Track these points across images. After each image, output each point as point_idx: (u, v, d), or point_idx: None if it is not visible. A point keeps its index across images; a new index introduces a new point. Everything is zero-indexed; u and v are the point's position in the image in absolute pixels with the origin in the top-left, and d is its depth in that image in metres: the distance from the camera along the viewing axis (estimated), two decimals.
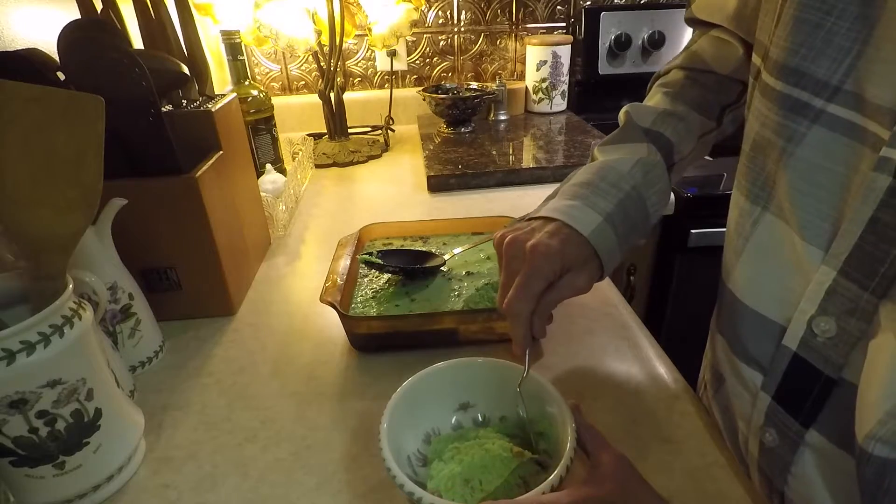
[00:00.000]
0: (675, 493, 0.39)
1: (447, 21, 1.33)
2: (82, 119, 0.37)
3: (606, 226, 0.42)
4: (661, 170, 0.47)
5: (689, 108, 0.50)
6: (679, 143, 0.48)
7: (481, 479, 0.36)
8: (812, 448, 0.33)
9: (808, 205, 0.31)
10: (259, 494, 0.40)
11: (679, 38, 1.29)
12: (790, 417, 0.33)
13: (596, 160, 0.48)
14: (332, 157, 1.13)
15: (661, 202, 0.46)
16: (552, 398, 0.39)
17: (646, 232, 0.47)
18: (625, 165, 0.45)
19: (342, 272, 0.58)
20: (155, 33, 0.64)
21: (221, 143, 0.61)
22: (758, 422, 0.36)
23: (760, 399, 0.36)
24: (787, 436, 0.34)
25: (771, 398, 0.35)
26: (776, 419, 0.35)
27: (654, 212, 0.46)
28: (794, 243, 0.32)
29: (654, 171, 0.46)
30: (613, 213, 0.43)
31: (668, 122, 0.49)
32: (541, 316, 0.40)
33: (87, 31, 0.52)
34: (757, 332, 0.36)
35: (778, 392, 0.34)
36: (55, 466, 0.37)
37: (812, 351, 0.31)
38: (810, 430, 0.32)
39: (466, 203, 0.91)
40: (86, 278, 0.45)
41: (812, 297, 0.31)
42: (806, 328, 0.31)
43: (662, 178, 0.46)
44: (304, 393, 0.50)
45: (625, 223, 0.43)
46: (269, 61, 1.32)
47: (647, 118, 0.49)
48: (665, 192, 0.47)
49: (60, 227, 0.37)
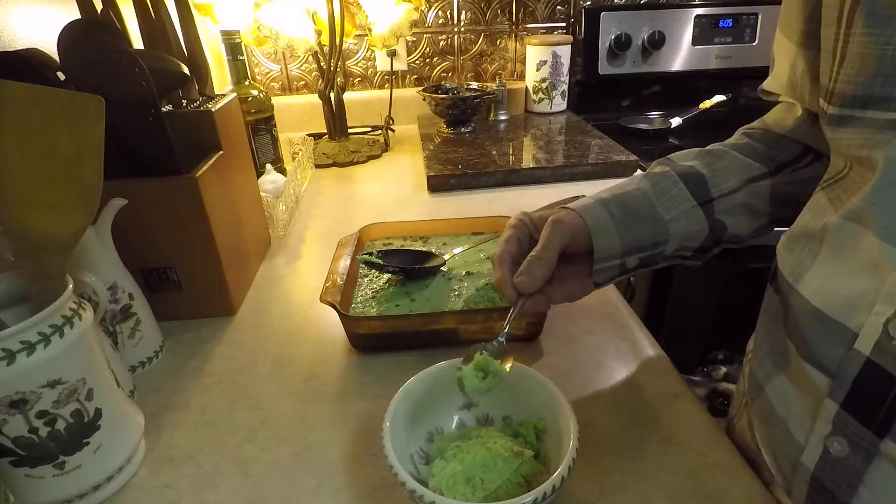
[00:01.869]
0: (675, 493, 0.39)
1: (447, 21, 1.33)
2: (82, 119, 0.37)
3: (598, 205, 0.45)
4: (672, 181, 0.47)
5: (732, 150, 0.49)
6: (714, 178, 0.47)
7: (483, 477, 0.36)
8: (889, 459, 0.31)
9: (890, 204, 0.30)
10: (259, 494, 0.40)
11: (679, 38, 1.29)
12: (862, 426, 0.32)
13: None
14: (332, 157, 1.13)
15: (679, 210, 0.46)
16: (554, 398, 0.39)
17: (662, 232, 0.46)
18: (631, 180, 0.49)
19: (342, 272, 0.58)
20: (155, 33, 0.63)
21: (221, 143, 0.61)
22: (822, 430, 0.34)
23: (826, 407, 0.34)
24: (860, 445, 0.32)
25: (839, 406, 0.33)
26: (846, 428, 0.33)
27: (670, 218, 0.46)
28: (871, 245, 0.31)
29: (663, 181, 0.47)
30: (608, 199, 0.46)
31: (699, 158, 0.49)
32: (529, 273, 0.44)
33: (87, 31, 0.52)
34: (825, 336, 0.34)
35: (847, 399, 0.33)
36: (55, 466, 0.37)
37: (886, 355, 0.30)
38: (885, 440, 0.31)
39: (466, 203, 0.91)
40: (86, 278, 0.45)
41: (889, 298, 0.30)
42: (882, 331, 0.30)
43: (676, 188, 0.46)
44: (304, 393, 0.50)
45: (621, 209, 0.45)
46: (269, 61, 1.32)
47: (677, 159, 0.50)
48: (683, 204, 0.46)
49: (60, 227, 0.37)
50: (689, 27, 1.28)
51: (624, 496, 0.38)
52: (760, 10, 1.29)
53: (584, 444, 0.38)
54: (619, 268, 0.46)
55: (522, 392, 0.41)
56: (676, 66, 1.32)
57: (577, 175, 0.97)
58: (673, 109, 1.31)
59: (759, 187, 0.48)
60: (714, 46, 1.31)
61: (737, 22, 1.29)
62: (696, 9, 1.27)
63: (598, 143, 1.09)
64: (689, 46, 1.30)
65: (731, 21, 1.29)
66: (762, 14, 1.29)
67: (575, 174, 0.97)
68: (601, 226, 0.44)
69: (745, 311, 0.65)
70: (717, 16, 1.28)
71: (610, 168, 0.98)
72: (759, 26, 1.30)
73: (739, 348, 1.01)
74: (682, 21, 1.28)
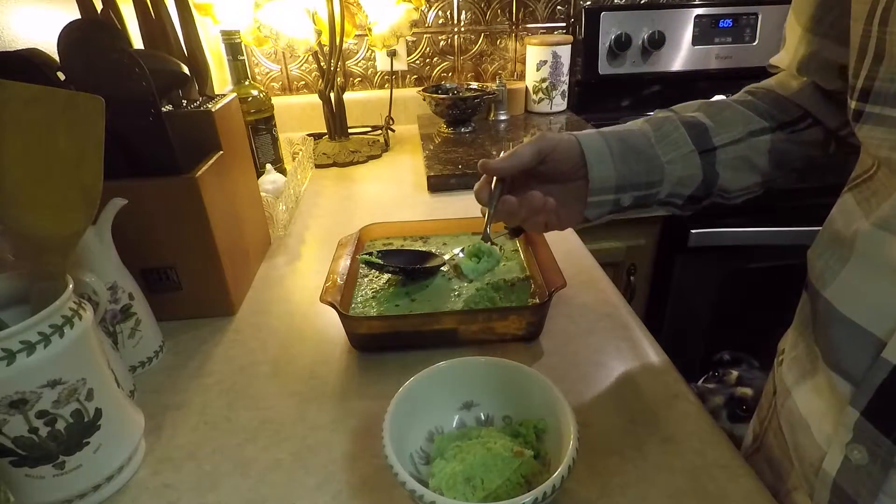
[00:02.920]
0: (675, 493, 0.39)
1: (447, 21, 1.33)
2: (82, 119, 0.37)
3: (596, 135, 0.46)
4: (673, 125, 0.47)
5: (735, 103, 0.49)
6: (717, 128, 0.47)
7: (483, 477, 0.36)
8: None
9: None
10: (259, 494, 0.40)
11: (679, 38, 1.29)
12: (881, 435, 0.32)
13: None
14: (332, 157, 1.13)
15: (677, 154, 0.46)
16: (554, 398, 0.39)
17: (657, 173, 0.46)
18: (632, 122, 0.49)
19: (342, 272, 0.58)
20: (155, 33, 0.63)
21: (221, 143, 0.61)
22: (843, 438, 0.34)
23: (847, 414, 0.34)
24: (878, 454, 0.32)
25: (860, 413, 0.33)
26: (865, 436, 0.33)
27: (668, 160, 0.46)
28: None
29: (665, 124, 0.47)
30: (607, 132, 0.47)
31: (702, 109, 0.49)
32: (498, 159, 0.45)
33: (87, 31, 0.52)
34: (852, 343, 0.34)
35: (868, 407, 0.32)
36: (55, 466, 0.37)
37: None
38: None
39: (466, 203, 0.91)
40: (86, 278, 0.45)
41: None
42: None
43: (676, 133, 0.47)
44: (304, 393, 0.50)
45: (620, 144, 0.46)
46: (269, 61, 1.32)
47: (680, 109, 0.50)
48: (682, 148, 0.46)
49: (60, 227, 0.37)
50: (689, 27, 1.28)
51: (624, 496, 0.38)
52: (760, 10, 1.29)
53: (584, 444, 0.38)
54: (612, 204, 0.46)
55: (522, 392, 0.41)
56: (676, 66, 1.32)
57: None
58: None
59: (759, 142, 0.47)
60: (714, 46, 1.31)
61: (737, 22, 1.29)
62: (696, 9, 1.27)
63: None
64: (689, 46, 1.30)
65: (731, 21, 1.29)
66: (762, 14, 1.29)
67: None
68: (597, 155, 0.45)
69: (745, 311, 0.64)
70: (717, 16, 1.28)
71: None
72: (759, 26, 1.30)
73: (742, 348, 1.01)
74: (682, 21, 1.28)
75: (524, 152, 0.45)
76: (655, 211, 0.48)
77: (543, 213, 0.46)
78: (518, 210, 0.45)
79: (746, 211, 1.01)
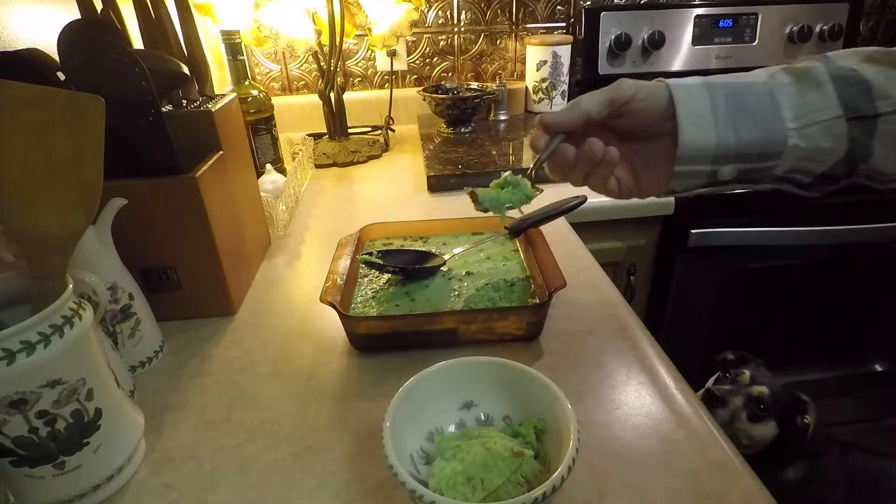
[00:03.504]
0: (675, 493, 0.39)
1: (447, 21, 1.33)
2: (82, 119, 0.37)
3: (700, 87, 0.36)
4: (816, 80, 0.35)
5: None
6: (887, 87, 0.34)
7: (483, 477, 0.36)
8: None
9: None
10: (259, 494, 0.40)
11: (679, 38, 1.29)
12: None
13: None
14: (332, 157, 1.13)
15: (811, 118, 0.35)
16: (554, 398, 0.39)
17: (777, 143, 0.36)
18: (762, 70, 0.38)
19: (342, 272, 0.58)
20: (155, 33, 0.63)
21: (221, 143, 0.61)
22: None
23: None
24: None
25: None
26: None
27: (797, 126, 0.35)
28: None
29: (805, 77, 0.36)
30: (717, 84, 0.36)
31: (870, 61, 0.36)
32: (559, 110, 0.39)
33: (87, 31, 0.52)
34: None
35: None
36: (55, 466, 0.37)
37: None
38: None
39: (466, 203, 0.90)
40: (86, 278, 0.45)
41: None
42: None
43: (818, 90, 0.35)
44: (304, 393, 0.50)
45: (731, 101, 0.36)
46: (269, 61, 1.32)
47: (836, 58, 0.37)
48: (823, 112, 0.35)
49: (60, 227, 0.37)
50: (689, 27, 1.28)
51: (624, 496, 0.38)
52: (760, 10, 1.29)
53: (584, 444, 0.38)
54: (707, 176, 0.37)
55: (522, 392, 0.41)
56: (676, 66, 1.32)
57: None
58: None
59: None
60: (714, 46, 1.31)
61: (737, 22, 1.29)
62: (696, 9, 1.27)
63: None
64: (689, 46, 1.30)
65: (731, 21, 1.29)
66: (762, 14, 1.29)
67: None
68: (692, 112, 0.36)
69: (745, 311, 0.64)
70: (717, 16, 1.28)
71: None
72: (759, 26, 1.30)
73: (742, 348, 1.01)
74: (682, 21, 1.28)
75: (588, 102, 0.38)
76: (767, 186, 0.39)
77: (605, 167, 0.39)
78: (574, 161, 0.39)
79: (746, 211, 1.01)
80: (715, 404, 0.87)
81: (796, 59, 0.39)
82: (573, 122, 0.38)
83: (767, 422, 0.88)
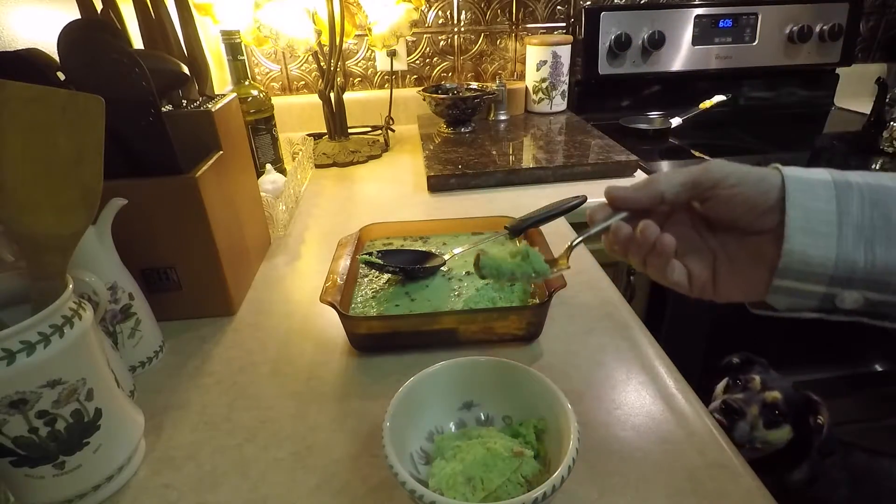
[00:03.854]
0: (675, 493, 0.39)
1: (447, 21, 1.33)
2: (82, 119, 0.37)
3: (826, 182, 0.29)
4: None
5: None
6: None
7: (483, 477, 0.36)
8: None
9: None
10: (259, 494, 0.40)
11: (679, 38, 1.29)
12: None
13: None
14: (332, 157, 1.13)
15: None
16: (554, 398, 0.39)
17: None
18: None
19: (342, 272, 0.58)
20: (155, 33, 0.63)
21: (221, 143, 0.61)
22: None
23: None
24: None
25: None
26: None
27: None
28: None
29: None
30: (857, 183, 0.28)
31: None
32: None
33: (87, 31, 0.52)
34: None
35: None
36: (55, 466, 0.37)
37: None
38: None
39: (466, 203, 0.91)
40: (86, 278, 0.45)
41: None
42: None
43: None
44: (304, 393, 0.50)
45: (869, 209, 0.28)
46: (269, 61, 1.32)
47: None
48: None
49: (60, 227, 0.37)
50: (689, 27, 1.28)
51: (624, 496, 0.38)
52: (760, 10, 1.29)
53: (584, 444, 0.38)
54: (820, 299, 0.30)
55: (522, 392, 0.41)
56: (676, 66, 1.32)
57: (577, 175, 0.97)
58: (673, 109, 1.31)
59: None
60: (714, 46, 1.31)
61: (737, 22, 1.29)
62: (696, 9, 1.27)
63: (598, 143, 1.09)
64: (689, 46, 1.30)
65: (731, 21, 1.29)
66: (762, 14, 1.29)
67: (575, 174, 0.97)
68: (809, 218, 0.28)
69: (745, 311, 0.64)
70: (717, 16, 1.28)
71: (610, 168, 0.98)
72: (759, 26, 1.30)
73: (742, 348, 1.01)
74: (682, 21, 1.28)
75: (666, 182, 0.32)
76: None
77: (657, 256, 0.33)
78: (627, 242, 0.34)
79: None
80: (735, 417, 0.85)
81: None
82: (642, 201, 0.33)
83: (783, 426, 0.87)
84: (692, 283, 0.34)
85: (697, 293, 0.35)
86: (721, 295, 0.34)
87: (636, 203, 0.33)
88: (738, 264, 0.33)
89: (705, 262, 0.34)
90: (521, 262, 0.36)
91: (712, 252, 0.34)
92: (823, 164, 1.12)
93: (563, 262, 0.37)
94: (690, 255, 0.34)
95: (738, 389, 0.91)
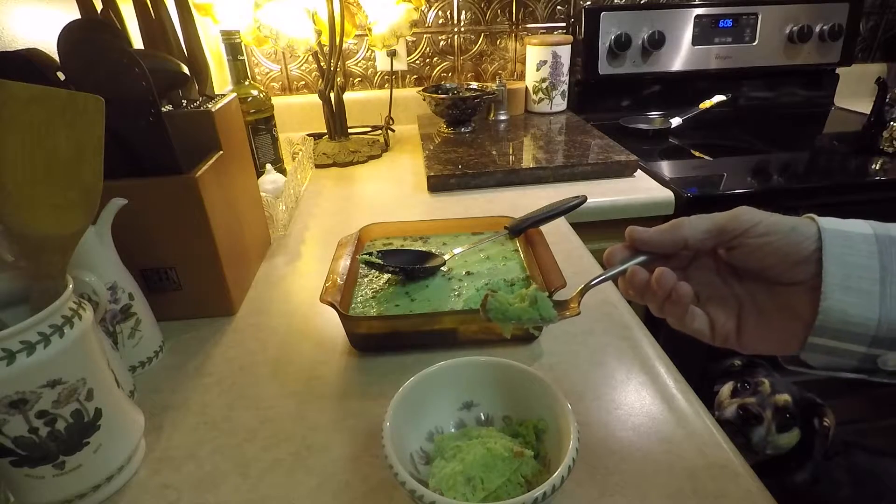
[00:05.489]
0: (675, 493, 0.39)
1: (447, 21, 1.33)
2: (82, 119, 0.37)
3: (868, 237, 0.27)
4: None
5: None
6: None
7: (483, 477, 0.36)
8: None
9: None
10: (259, 494, 0.40)
11: (679, 38, 1.29)
12: None
13: None
14: (332, 157, 1.13)
15: None
16: (554, 398, 0.39)
17: None
18: None
19: (342, 272, 0.58)
20: (155, 33, 0.63)
21: (221, 143, 0.61)
22: None
23: None
24: None
25: None
26: None
27: None
28: None
29: None
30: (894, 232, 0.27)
31: None
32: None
33: (87, 31, 0.52)
34: None
35: None
36: (55, 466, 0.37)
37: None
38: None
39: (466, 203, 0.91)
40: (86, 278, 0.45)
41: None
42: None
43: None
44: (304, 393, 0.50)
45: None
46: (269, 61, 1.32)
47: None
48: None
49: (60, 227, 0.37)
50: (689, 27, 1.28)
51: (624, 496, 0.38)
52: (760, 10, 1.29)
53: (584, 444, 0.38)
54: (860, 359, 0.28)
55: (522, 392, 0.41)
56: (676, 66, 1.32)
57: (577, 175, 0.97)
58: (673, 109, 1.31)
59: None
60: (714, 46, 1.31)
61: (737, 22, 1.29)
62: (696, 9, 1.27)
63: (598, 143, 1.09)
64: (689, 46, 1.30)
65: (731, 21, 1.29)
66: (762, 14, 1.29)
67: (575, 174, 0.97)
68: (850, 275, 0.27)
69: None
70: (717, 16, 1.28)
71: (610, 168, 0.98)
72: (759, 26, 1.30)
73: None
74: (682, 21, 1.28)
75: (691, 227, 0.31)
76: None
77: (674, 305, 0.32)
78: (644, 288, 0.32)
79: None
80: (752, 422, 0.84)
81: None
82: (664, 245, 0.32)
83: (793, 429, 0.86)
84: (715, 332, 0.33)
85: (720, 342, 0.33)
86: (746, 346, 0.32)
87: (658, 247, 0.32)
88: (767, 316, 0.31)
89: (730, 311, 0.33)
90: (528, 307, 0.35)
91: (738, 301, 0.33)
92: (823, 163, 1.11)
93: (573, 308, 0.35)
94: (714, 303, 0.33)
95: (747, 393, 0.90)
